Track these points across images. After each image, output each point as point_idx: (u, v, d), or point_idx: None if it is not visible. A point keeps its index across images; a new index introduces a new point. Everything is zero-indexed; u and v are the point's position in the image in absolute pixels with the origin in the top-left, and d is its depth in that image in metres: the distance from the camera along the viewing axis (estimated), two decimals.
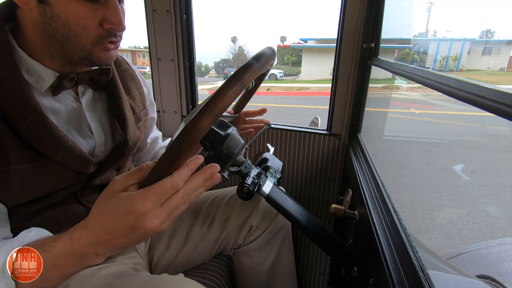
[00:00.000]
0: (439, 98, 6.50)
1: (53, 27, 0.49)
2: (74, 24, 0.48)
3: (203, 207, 0.86)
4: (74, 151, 0.55)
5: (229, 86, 0.41)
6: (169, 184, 0.39)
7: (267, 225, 0.81)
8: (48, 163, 0.54)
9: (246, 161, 0.65)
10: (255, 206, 0.82)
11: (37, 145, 0.51)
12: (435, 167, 3.35)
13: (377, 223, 0.54)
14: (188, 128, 0.39)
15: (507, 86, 0.32)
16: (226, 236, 0.83)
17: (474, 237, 2.10)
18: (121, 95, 0.66)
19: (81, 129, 0.61)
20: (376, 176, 0.70)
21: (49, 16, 0.48)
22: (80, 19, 0.48)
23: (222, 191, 0.90)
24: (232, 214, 0.82)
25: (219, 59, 33.27)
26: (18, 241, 0.44)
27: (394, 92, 3.31)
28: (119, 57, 0.73)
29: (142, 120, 0.74)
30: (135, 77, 0.75)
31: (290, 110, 8.16)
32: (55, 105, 0.56)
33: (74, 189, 0.61)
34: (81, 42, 0.50)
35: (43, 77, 0.53)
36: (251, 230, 0.82)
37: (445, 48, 18.44)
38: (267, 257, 0.83)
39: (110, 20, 0.50)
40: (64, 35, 0.49)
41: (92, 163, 0.60)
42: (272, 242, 0.83)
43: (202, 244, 0.83)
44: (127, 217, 0.38)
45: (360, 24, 0.88)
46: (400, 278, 0.41)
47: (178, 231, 0.83)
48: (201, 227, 0.83)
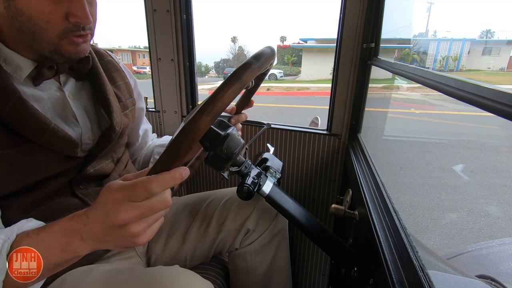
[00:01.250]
0: (439, 98, 6.50)
1: (19, 21, 0.48)
2: (38, 19, 0.48)
3: (200, 208, 0.86)
4: (58, 134, 0.55)
5: (228, 85, 0.41)
6: (143, 184, 0.38)
7: (264, 229, 0.81)
8: (34, 146, 0.54)
9: (246, 161, 0.65)
10: (252, 209, 0.81)
11: (20, 129, 0.52)
12: (435, 167, 3.35)
13: (377, 223, 0.54)
14: (187, 128, 0.39)
15: (507, 86, 0.32)
16: (223, 239, 0.82)
17: (474, 237, 2.10)
18: (103, 82, 0.67)
19: (66, 117, 0.61)
20: (376, 176, 0.70)
21: (13, 10, 0.48)
22: (44, 13, 0.48)
23: (219, 192, 0.90)
24: (229, 217, 0.82)
25: (219, 59, 33.31)
26: (18, 227, 0.45)
27: (394, 92, 3.31)
28: (102, 51, 0.74)
29: (129, 108, 0.76)
30: (119, 68, 0.76)
31: (290, 110, 8.16)
32: (37, 93, 0.56)
33: (68, 179, 0.61)
34: (47, 36, 0.50)
35: (21, 66, 0.53)
36: (247, 233, 0.81)
37: (445, 48, 18.45)
38: (262, 261, 0.82)
39: (75, 14, 0.49)
40: (31, 29, 0.49)
41: (78, 146, 0.60)
42: (268, 246, 0.82)
43: (200, 246, 0.82)
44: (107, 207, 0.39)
45: (360, 24, 0.88)
46: (400, 278, 0.41)
47: (175, 232, 0.83)
48: (198, 229, 0.83)
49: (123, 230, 0.39)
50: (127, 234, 0.39)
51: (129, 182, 0.39)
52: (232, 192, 0.87)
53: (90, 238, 0.41)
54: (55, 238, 0.41)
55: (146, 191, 0.38)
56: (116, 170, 0.71)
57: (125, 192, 0.38)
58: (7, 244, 0.41)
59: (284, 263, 0.88)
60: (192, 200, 0.89)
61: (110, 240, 0.41)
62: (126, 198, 0.38)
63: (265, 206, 0.81)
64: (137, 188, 0.38)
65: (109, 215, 0.38)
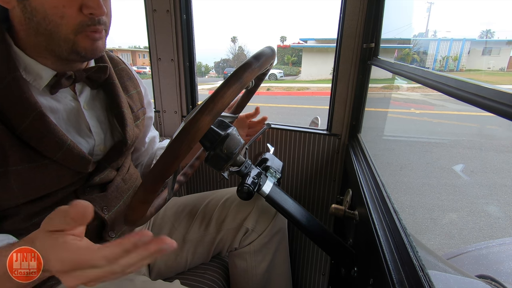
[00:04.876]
0: (439, 98, 6.49)
1: (35, 21, 0.48)
2: (52, 14, 0.48)
3: (199, 208, 0.85)
4: (73, 150, 0.55)
5: (228, 85, 0.41)
6: (87, 257, 0.35)
7: (263, 228, 0.81)
8: (47, 163, 0.53)
9: (246, 161, 0.65)
10: (251, 209, 0.81)
11: (36, 144, 0.51)
12: (435, 167, 3.35)
13: (377, 223, 0.54)
14: (187, 127, 0.39)
15: (507, 86, 0.32)
16: (222, 238, 0.82)
17: (474, 237, 2.10)
18: (119, 93, 0.66)
19: (80, 128, 0.60)
20: (376, 176, 0.70)
21: (29, 10, 0.48)
22: (58, 8, 0.48)
23: (219, 192, 0.90)
24: (228, 217, 0.82)
25: (219, 59, 33.30)
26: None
27: (394, 92, 3.31)
28: (116, 57, 0.73)
29: (140, 118, 0.74)
30: (132, 76, 0.75)
31: (290, 110, 8.16)
32: (54, 104, 0.56)
33: (74, 188, 0.61)
34: (63, 33, 0.50)
35: (41, 74, 0.53)
36: (246, 233, 0.81)
37: (445, 48, 18.45)
38: (262, 261, 0.82)
39: (88, 5, 0.49)
40: (46, 29, 0.49)
41: (91, 163, 0.59)
42: (267, 245, 0.82)
43: (200, 246, 0.82)
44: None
45: (360, 24, 0.88)
46: (400, 278, 0.41)
47: (175, 232, 0.83)
48: (198, 229, 0.83)
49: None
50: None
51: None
52: (231, 192, 0.87)
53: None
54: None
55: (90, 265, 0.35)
56: (119, 174, 0.70)
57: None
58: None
59: (283, 263, 0.88)
60: (192, 200, 0.89)
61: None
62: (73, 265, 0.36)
63: (264, 206, 0.82)
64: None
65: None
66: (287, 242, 0.89)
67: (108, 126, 0.66)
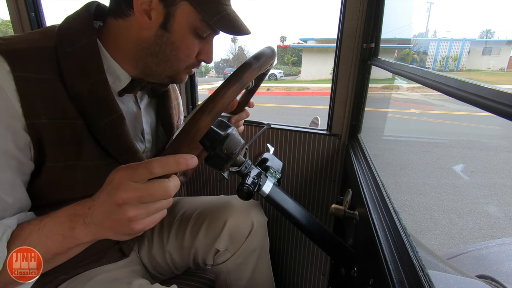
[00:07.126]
0: (439, 98, 6.50)
1: (162, 49, 0.53)
2: (182, 52, 0.54)
3: (176, 216, 0.82)
4: (137, 154, 0.57)
5: (228, 85, 0.41)
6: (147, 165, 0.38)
7: (235, 249, 0.76)
8: (112, 162, 0.55)
9: (246, 161, 0.65)
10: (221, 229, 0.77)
11: (107, 144, 0.53)
12: (435, 167, 3.35)
13: (377, 223, 0.54)
14: (187, 128, 0.39)
15: (507, 86, 0.32)
16: (196, 254, 0.79)
17: (474, 237, 2.10)
18: (171, 105, 0.70)
19: (136, 133, 0.63)
20: (376, 176, 0.70)
21: (164, 40, 0.52)
22: (189, 49, 0.54)
23: (196, 200, 0.86)
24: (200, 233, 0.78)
25: (219, 59, 33.29)
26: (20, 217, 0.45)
27: (394, 92, 3.31)
28: None
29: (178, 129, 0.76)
30: (175, 87, 0.79)
31: (290, 110, 8.16)
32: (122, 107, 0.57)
33: None
34: (178, 66, 0.56)
35: (120, 78, 0.56)
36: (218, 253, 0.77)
37: (445, 48, 18.46)
38: (239, 279, 0.78)
39: (204, 52, 0.57)
40: (167, 56, 0.54)
41: None
42: (243, 265, 0.78)
43: (177, 256, 0.80)
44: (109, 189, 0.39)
45: (360, 24, 0.88)
46: (400, 278, 0.41)
47: (154, 241, 0.81)
48: (176, 238, 0.80)
49: (120, 211, 0.38)
50: (124, 217, 0.38)
51: (133, 163, 0.39)
52: (205, 202, 0.84)
53: (91, 222, 0.40)
54: (59, 223, 0.41)
55: (147, 170, 0.37)
56: None
57: (128, 170, 0.38)
58: (8, 232, 0.41)
59: (265, 279, 0.83)
60: (172, 205, 0.84)
61: (108, 224, 0.39)
62: (127, 176, 0.38)
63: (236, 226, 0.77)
64: (139, 167, 0.38)
65: (110, 194, 0.38)
66: (269, 259, 0.85)
67: (156, 133, 0.69)
